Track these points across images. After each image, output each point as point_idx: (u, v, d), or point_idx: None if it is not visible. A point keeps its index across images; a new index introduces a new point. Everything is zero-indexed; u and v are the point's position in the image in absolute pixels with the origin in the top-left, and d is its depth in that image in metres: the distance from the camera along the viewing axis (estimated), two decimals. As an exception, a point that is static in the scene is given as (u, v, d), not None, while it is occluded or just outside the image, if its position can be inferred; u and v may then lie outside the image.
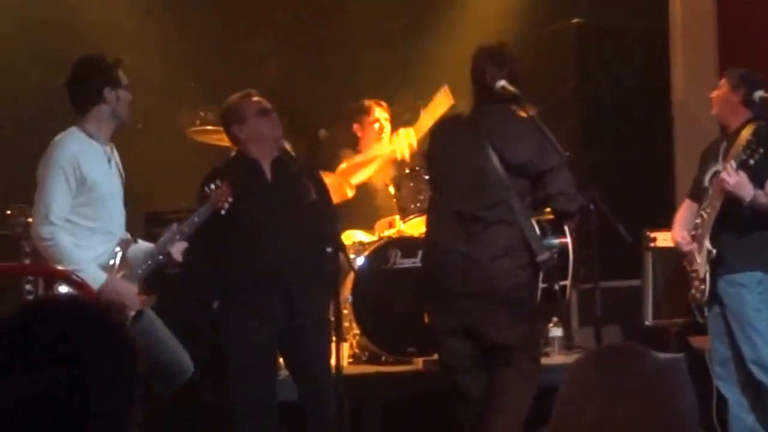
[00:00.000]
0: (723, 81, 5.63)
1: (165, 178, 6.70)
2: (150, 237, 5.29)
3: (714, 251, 5.40)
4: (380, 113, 6.87)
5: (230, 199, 4.84)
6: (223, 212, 4.83)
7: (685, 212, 5.78)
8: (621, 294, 6.74)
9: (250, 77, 6.85)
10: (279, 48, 7.63)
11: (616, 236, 6.17)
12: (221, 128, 5.83)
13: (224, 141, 6.33)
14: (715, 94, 5.65)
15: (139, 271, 4.75)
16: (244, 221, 5.02)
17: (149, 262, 4.76)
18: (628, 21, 7.74)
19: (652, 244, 6.58)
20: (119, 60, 4.79)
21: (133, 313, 4.66)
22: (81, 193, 4.59)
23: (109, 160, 4.78)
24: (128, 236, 4.85)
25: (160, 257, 4.77)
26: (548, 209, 5.11)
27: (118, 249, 4.73)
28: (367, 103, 6.90)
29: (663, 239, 6.50)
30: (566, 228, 5.16)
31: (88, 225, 4.64)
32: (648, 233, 6.58)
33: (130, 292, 4.64)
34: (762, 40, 7.39)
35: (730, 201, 5.31)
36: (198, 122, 6.47)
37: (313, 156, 6.19)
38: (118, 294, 4.57)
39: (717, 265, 5.43)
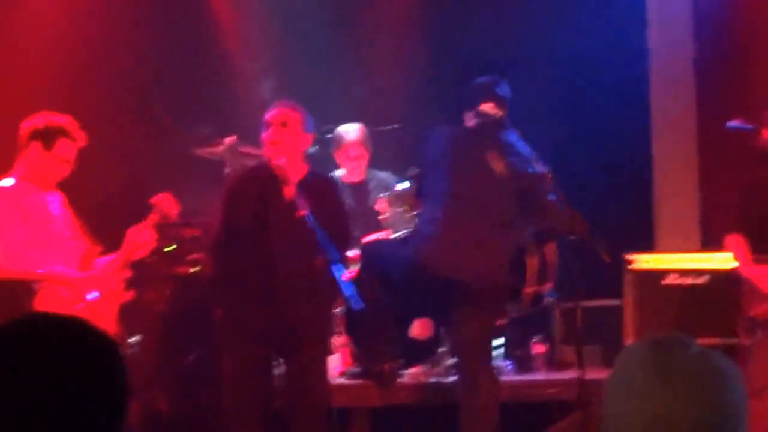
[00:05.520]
0: None
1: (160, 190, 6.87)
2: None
3: None
4: (349, 138, 6.89)
5: (176, 208, 5.18)
6: (173, 220, 5.11)
7: (743, 247, 5.63)
8: (602, 313, 6.84)
9: (244, 94, 7.06)
10: (274, 66, 7.79)
11: (598, 257, 6.32)
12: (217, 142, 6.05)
13: (219, 154, 6.52)
14: None
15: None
16: (242, 232, 5.15)
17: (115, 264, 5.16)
18: (610, 51, 7.91)
19: (631, 266, 6.74)
20: (63, 131, 5.12)
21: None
22: None
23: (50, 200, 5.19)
24: (91, 250, 5.23)
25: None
26: None
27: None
28: (337, 132, 6.92)
29: (642, 261, 6.68)
30: None
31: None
32: (627, 256, 6.74)
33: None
34: (738, 66, 7.62)
35: None
36: (195, 136, 6.60)
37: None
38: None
39: None
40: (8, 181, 5.13)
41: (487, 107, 5.52)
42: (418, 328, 6.13)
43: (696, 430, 1.60)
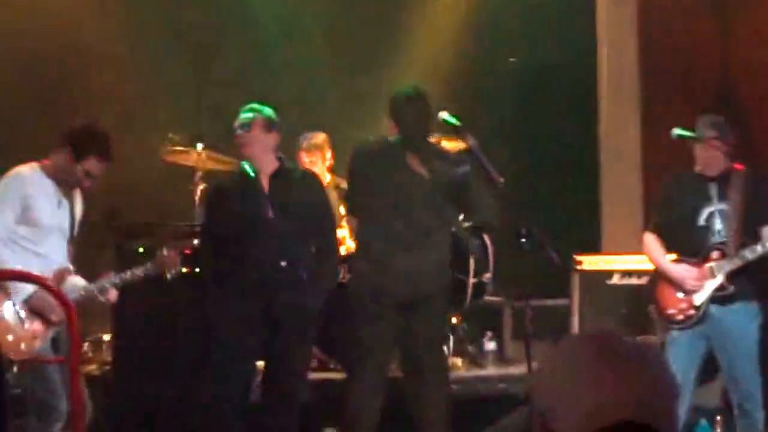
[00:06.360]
0: (719, 143, 5.54)
1: (134, 194, 7.16)
2: (119, 250, 5.78)
3: (731, 288, 5.53)
4: (299, 146, 7.09)
5: (178, 267, 5.32)
6: (169, 276, 5.28)
7: (660, 248, 5.75)
8: (550, 312, 7.11)
9: (215, 101, 7.31)
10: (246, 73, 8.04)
11: (547, 258, 6.62)
12: (188, 149, 6.28)
13: (190, 161, 6.78)
14: (718, 154, 5.56)
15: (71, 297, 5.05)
16: (233, 229, 5.46)
17: (81, 294, 5.17)
18: (561, 60, 8.23)
19: (579, 267, 7.06)
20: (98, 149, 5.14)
21: (56, 326, 5.05)
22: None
23: (60, 202, 5.19)
24: (68, 267, 5.25)
25: (95, 292, 5.21)
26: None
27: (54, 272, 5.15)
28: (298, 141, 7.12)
29: (589, 263, 7.02)
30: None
31: (30, 248, 5.10)
32: (576, 257, 7.05)
33: (55, 305, 4.91)
34: (682, 75, 7.96)
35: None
36: (167, 143, 6.84)
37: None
38: (45, 303, 4.97)
39: (727, 296, 5.57)
40: (29, 169, 5.15)
41: (406, 117, 5.55)
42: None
43: (641, 408, 1.67)
